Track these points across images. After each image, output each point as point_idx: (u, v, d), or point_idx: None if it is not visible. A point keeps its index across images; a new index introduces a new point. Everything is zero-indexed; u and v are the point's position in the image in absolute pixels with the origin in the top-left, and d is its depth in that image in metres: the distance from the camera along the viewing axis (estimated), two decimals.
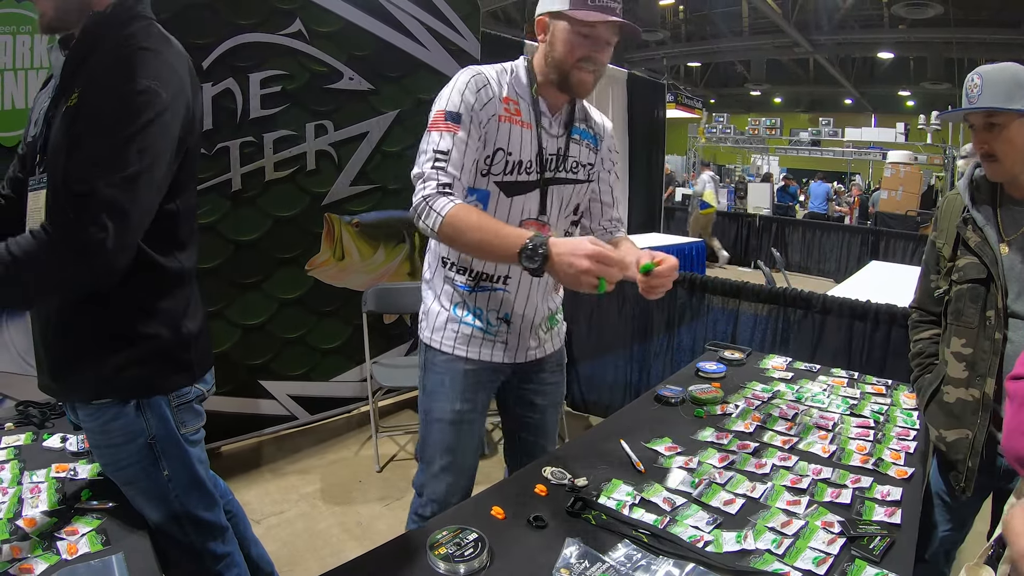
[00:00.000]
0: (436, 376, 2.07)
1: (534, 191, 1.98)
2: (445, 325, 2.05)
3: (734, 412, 2.24)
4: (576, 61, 1.86)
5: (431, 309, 2.09)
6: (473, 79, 1.88)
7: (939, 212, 2.20)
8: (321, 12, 3.95)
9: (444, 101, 1.86)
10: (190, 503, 1.81)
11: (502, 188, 1.94)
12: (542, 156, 1.97)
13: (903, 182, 14.04)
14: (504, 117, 1.90)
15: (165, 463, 1.75)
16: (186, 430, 1.80)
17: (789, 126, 21.25)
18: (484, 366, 2.07)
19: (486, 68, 1.95)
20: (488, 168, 1.91)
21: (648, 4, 17.42)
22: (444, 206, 1.73)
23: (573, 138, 2.05)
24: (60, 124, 1.54)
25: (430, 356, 2.09)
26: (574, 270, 1.55)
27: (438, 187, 1.76)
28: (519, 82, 1.97)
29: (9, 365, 3.14)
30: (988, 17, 15.56)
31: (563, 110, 2.05)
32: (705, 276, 4.27)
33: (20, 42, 3.01)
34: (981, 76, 1.86)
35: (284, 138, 3.82)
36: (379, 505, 3.58)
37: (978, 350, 1.97)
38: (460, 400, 2.06)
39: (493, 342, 2.06)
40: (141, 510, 1.72)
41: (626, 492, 1.66)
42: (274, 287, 3.96)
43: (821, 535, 1.51)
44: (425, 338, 2.11)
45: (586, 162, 2.11)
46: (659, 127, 9.39)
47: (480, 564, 1.32)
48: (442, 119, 1.83)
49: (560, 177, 2.03)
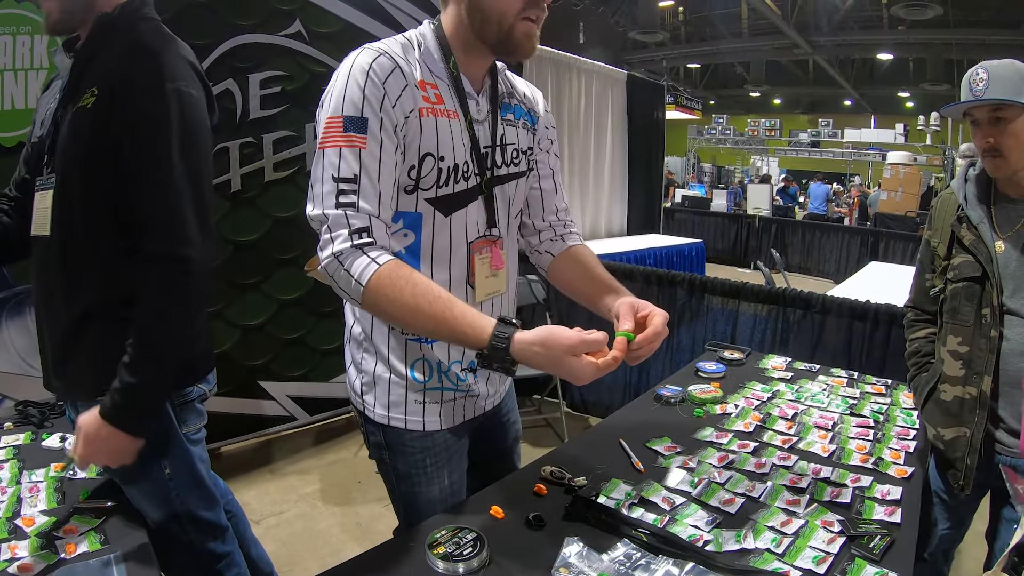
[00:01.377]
0: (411, 458, 1.62)
1: (476, 200, 1.54)
2: (405, 398, 1.58)
3: (734, 412, 2.23)
4: (522, 9, 1.41)
5: (378, 377, 1.58)
6: (376, 63, 1.36)
7: (934, 211, 2.19)
8: (321, 13, 3.96)
9: (338, 102, 1.35)
10: (191, 502, 1.80)
11: (437, 206, 1.48)
12: (478, 152, 1.53)
13: (902, 183, 14.07)
14: (426, 110, 1.43)
15: (166, 461, 1.73)
16: (187, 429, 1.81)
17: (788, 127, 21.36)
18: (462, 425, 1.69)
19: (387, 45, 1.44)
20: (415, 183, 1.44)
21: (647, 5, 17.43)
22: (365, 271, 1.30)
23: (505, 119, 1.62)
24: (70, 125, 1.57)
25: (393, 437, 1.61)
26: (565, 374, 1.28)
27: (351, 236, 1.31)
28: (431, 58, 1.48)
29: (9, 365, 3.14)
30: (987, 18, 15.58)
31: (486, 84, 1.60)
32: (705, 277, 4.28)
33: (20, 42, 3.01)
34: (987, 70, 1.85)
35: (284, 139, 3.83)
36: (378, 505, 3.58)
37: (974, 348, 1.97)
38: (448, 473, 1.68)
39: (465, 398, 1.66)
40: (141, 509, 1.71)
41: (625, 491, 1.65)
42: (274, 288, 3.97)
43: (821, 534, 1.50)
44: (378, 417, 1.60)
45: (525, 147, 1.68)
46: (659, 128, 9.41)
47: (479, 563, 1.32)
48: (339, 130, 1.34)
49: (503, 174, 1.61)
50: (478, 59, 1.54)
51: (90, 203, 1.57)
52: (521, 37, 1.44)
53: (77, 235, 1.59)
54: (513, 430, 1.92)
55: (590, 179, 8.06)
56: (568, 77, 7.39)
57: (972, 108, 1.90)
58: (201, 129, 1.62)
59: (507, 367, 1.29)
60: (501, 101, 1.63)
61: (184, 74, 1.59)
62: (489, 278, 1.59)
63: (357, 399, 1.65)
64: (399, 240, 1.47)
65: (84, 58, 1.62)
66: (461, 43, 1.50)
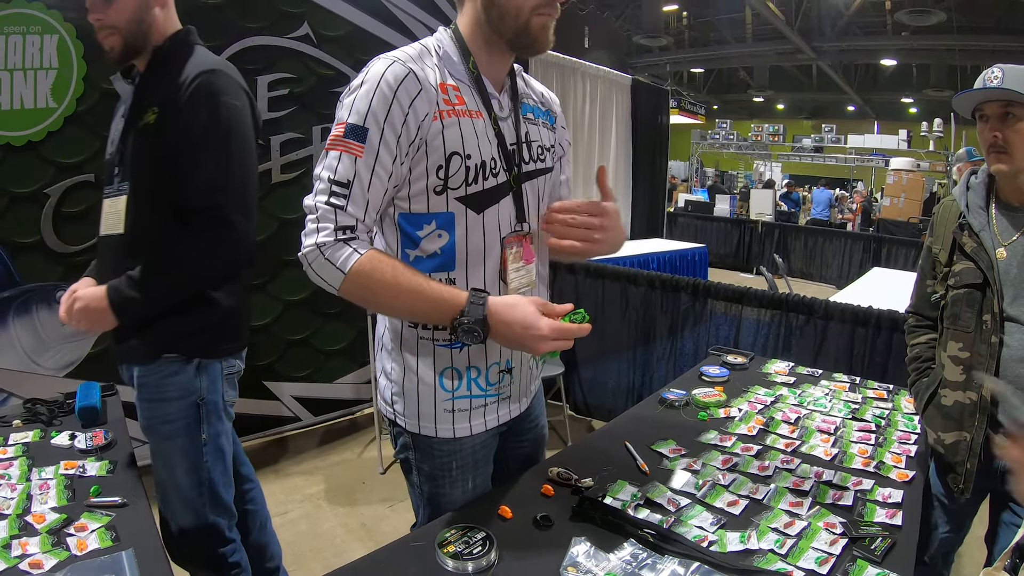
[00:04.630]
0: (437, 461, 1.65)
1: (507, 196, 1.57)
2: (434, 407, 1.60)
3: (737, 415, 2.25)
4: (537, 5, 1.47)
5: (407, 387, 1.60)
6: (389, 72, 1.41)
7: (935, 218, 2.20)
8: (328, 16, 3.99)
9: (347, 108, 1.43)
10: (215, 472, 2.07)
11: (469, 204, 1.51)
12: (505, 148, 1.56)
13: (905, 189, 14.08)
14: (446, 112, 1.46)
15: (205, 427, 2.02)
16: (227, 400, 2.11)
17: (792, 132, 21.30)
18: (491, 431, 1.70)
19: (403, 52, 1.48)
20: (444, 183, 1.47)
21: (651, 9, 17.43)
22: (347, 259, 1.38)
23: (526, 117, 1.66)
24: (136, 140, 1.93)
25: (421, 443, 1.64)
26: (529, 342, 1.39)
27: (335, 232, 1.39)
28: (450, 61, 1.53)
29: (16, 363, 3.16)
30: (991, 24, 15.57)
31: (506, 84, 1.64)
32: (708, 281, 4.28)
33: (30, 42, 3.02)
34: (1003, 69, 1.86)
35: (291, 141, 3.86)
36: (383, 507, 3.60)
37: (975, 354, 1.98)
38: (473, 477, 1.70)
39: (496, 402, 1.66)
40: (169, 470, 2.01)
41: (631, 493, 1.66)
42: (279, 289, 3.99)
43: (823, 536, 1.52)
44: (409, 425, 1.63)
45: (548, 144, 1.72)
46: (663, 133, 9.41)
47: (488, 562, 1.33)
48: (341, 135, 1.41)
49: (531, 170, 1.64)
50: (498, 59, 1.57)
51: (156, 202, 1.91)
52: (537, 29, 1.49)
53: (146, 228, 1.92)
54: (541, 436, 1.94)
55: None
56: (573, 81, 7.40)
57: (983, 103, 1.92)
58: (246, 132, 1.96)
59: (480, 329, 1.38)
60: (521, 101, 1.66)
61: (229, 88, 1.93)
62: (520, 272, 1.60)
63: (387, 407, 1.68)
64: (433, 241, 1.51)
65: (143, 84, 1.98)
66: (480, 42, 1.54)
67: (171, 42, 1.98)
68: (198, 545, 2.07)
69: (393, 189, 1.47)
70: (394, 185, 1.46)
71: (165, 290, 1.91)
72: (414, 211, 1.50)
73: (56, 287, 3.19)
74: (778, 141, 20.37)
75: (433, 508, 1.68)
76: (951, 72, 18.92)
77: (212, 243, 1.89)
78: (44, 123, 3.09)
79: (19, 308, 3.15)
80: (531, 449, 1.91)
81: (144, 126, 1.90)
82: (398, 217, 1.52)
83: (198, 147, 1.86)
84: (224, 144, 1.89)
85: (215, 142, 1.87)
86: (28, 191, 3.10)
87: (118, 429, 2.03)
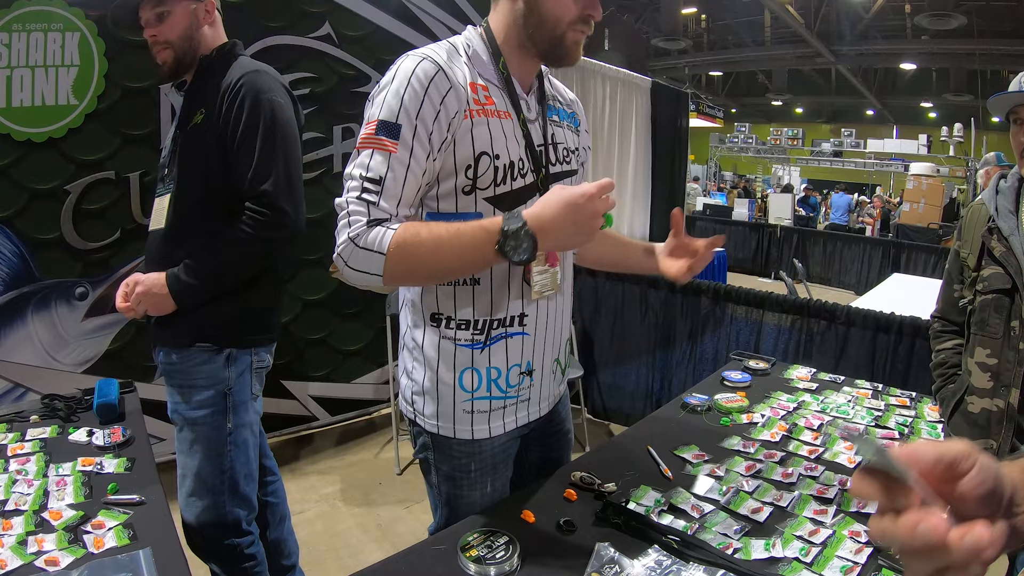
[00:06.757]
0: (456, 462, 1.65)
1: (534, 197, 1.53)
2: (454, 408, 1.59)
3: (760, 421, 2.22)
4: (576, 20, 1.48)
5: (427, 386, 1.60)
6: (419, 68, 1.40)
7: (963, 222, 2.18)
8: (350, 16, 4.00)
9: (378, 106, 1.41)
10: (238, 462, 2.14)
11: (497, 204, 1.49)
12: (533, 149, 1.55)
13: (925, 194, 13.97)
14: (476, 111, 1.45)
15: (232, 417, 2.12)
16: (254, 393, 2.20)
17: (811, 136, 21.22)
18: (511, 434, 1.69)
19: (432, 49, 1.47)
20: (472, 183, 1.46)
21: (670, 12, 17.41)
22: (382, 239, 1.34)
23: (552, 119, 1.66)
24: (185, 141, 2.09)
25: (441, 443, 1.64)
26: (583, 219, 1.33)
27: (368, 224, 1.36)
28: (480, 61, 1.52)
29: (34, 358, 3.17)
30: (1012, 28, 15.41)
31: (534, 86, 1.64)
32: (729, 286, 4.26)
33: (51, 39, 3.04)
34: None
35: (311, 140, 3.85)
36: (399, 508, 3.59)
37: (1002, 361, 1.96)
38: (492, 480, 1.69)
39: (516, 404, 1.65)
40: (192, 456, 2.10)
41: (655, 498, 1.64)
42: (298, 288, 4.01)
43: (848, 544, 1.49)
44: (428, 425, 1.63)
45: (573, 147, 1.71)
46: (682, 136, 9.37)
47: (511, 567, 1.32)
48: (373, 133, 1.39)
49: (557, 171, 1.63)
50: (528, 62, 1.58)
51: (203, 195, 2.05)
52: (571, 44, 1.51)
53: (190, 220, 2.06)
54: (567, 440, 1.94)
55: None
56: (593, 83, 7.37)
57: (1018, 106, 1.90)
58: (289, 126, 2.10)
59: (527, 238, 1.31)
60: (548, 103, 1.67)
61: (272, 87, 2.08)
62: (544, 275, 1.58)
63: (408, 407, 1.68)
64: None
65: (192, 91, 2.16)
66: (513, 44, 1.54)
67: (217, 52, 2.16)
68: (214, 534, 2.11)
69: (425, 187, 1.46)
70: (427, 182, 1.45)
71: (220, 275, 2.05)
72: (442, 210, 1.49)
73: (75, 283, 3.20)
74: (797, 145, 20.30)
75: (451, 510, 1.68)
76: (971, 77, 18.77)
77: (262, 229, 2.00)
78: (65, 120, 3.11)
79: (38, 304, 3.16)
80: (556, 453, 1.90)
81: (193, 127, 2.06)
82: (426, 217, 1.50)
83: (245, 140, 2.00)
84: (269, 136, 2.01)
85: (260, 135, 2.00)
86: (48, 188, 3.12)
87: (136, 426, 2.01)
